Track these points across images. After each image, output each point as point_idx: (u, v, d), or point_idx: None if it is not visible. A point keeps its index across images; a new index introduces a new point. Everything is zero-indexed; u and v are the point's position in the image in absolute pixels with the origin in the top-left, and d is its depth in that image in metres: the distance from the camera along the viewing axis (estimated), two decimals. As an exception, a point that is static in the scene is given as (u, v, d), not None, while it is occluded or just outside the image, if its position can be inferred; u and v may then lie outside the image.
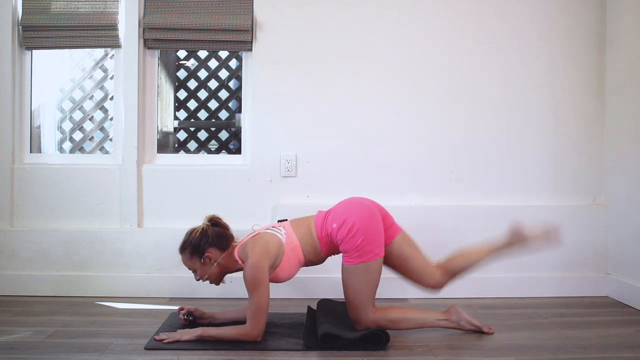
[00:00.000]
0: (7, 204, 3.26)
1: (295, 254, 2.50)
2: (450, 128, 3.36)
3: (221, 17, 3.26)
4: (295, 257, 2.51)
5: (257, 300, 2.36)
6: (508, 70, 3.36)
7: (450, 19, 3.35)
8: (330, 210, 2.56)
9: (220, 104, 4.48)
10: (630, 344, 2.47)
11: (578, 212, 3.35)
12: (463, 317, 2.58)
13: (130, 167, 3.28)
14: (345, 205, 2.55)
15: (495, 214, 3.29)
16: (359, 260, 2.42)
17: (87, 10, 3.26)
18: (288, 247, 2.49)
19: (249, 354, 2.30)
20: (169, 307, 3.00)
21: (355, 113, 3.34)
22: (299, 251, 2.51)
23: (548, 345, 2.44)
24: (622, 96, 3.25)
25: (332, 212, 2.55)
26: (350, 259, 2.44)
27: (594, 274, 3.35)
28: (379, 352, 2.35)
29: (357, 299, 2.45)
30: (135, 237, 3.25)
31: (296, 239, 2.51)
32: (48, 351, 2.31)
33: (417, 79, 3.35)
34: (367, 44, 3.33)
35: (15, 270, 3.22)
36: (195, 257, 2.51)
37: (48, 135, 3.91)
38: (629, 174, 3.17)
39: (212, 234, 2.50)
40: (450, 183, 3.35)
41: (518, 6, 3.36)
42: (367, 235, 2.42)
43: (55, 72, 4.04)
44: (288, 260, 2.49)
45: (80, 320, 2.76)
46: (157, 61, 3.39)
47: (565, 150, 3.39)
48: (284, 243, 2.48)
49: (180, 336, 2.40)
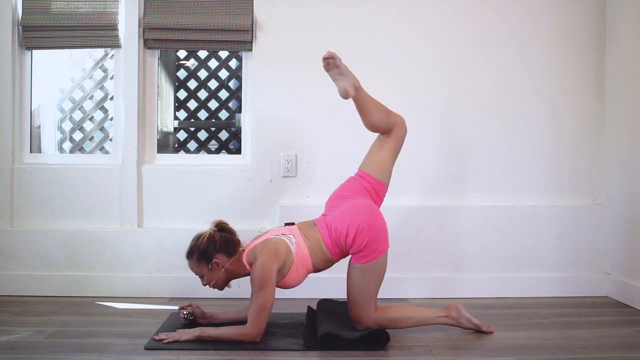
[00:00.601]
0: (7, 204, 3.26)
1: (303, 263, 2.49)
2: (450, 128, 3.35)
3: (221, 17, 3.26)
4: (303, 266, 2.49)
5: (262, 301, 2.35)
6: (508, 70, 3.36)
7: (450, 19, 3.35)
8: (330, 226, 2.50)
9: (220, 104, 4.48)
10: (630, 344, 2.47)
11: (578, 212, 3.35)
12: (463, 315, 2.58)
13: (130, 167, 3.28)
14: (342, 213, 2.50)
15: (496, 214, 3.30)
16: (366, 260, 2.42)
17: (87, 10, 3.26)
18: (297, 256, 2.47)
19: (249, 354, 2.30)
20: (169, 307, 3.00)
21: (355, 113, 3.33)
22: (308, 261, 2.50)
23: (548, 345, 2.44)
24: (622, 96, 3.25)
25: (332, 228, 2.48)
26: (356, 259, 2.44)
27: (594, 274, 3.35)
28: (379, 352, 2.34)
29: (361, 297, 2.45)
30: (135, 237, 3.25)
31: (306, 249, 2.50)
32: (48, 351, 2.31)
33: (417, 79, 3.35)
34: (367, 44, 3.33)
35: (15, 270, 3.22)
36: (202, 263, 2.49)
37: (48, 135, 3.92)
38: (629, 174, 3.17)
39: (219, 240, 2.49)
40: (450, 183, 3.35)
41: (518, 6, 3.36)
42: (371, 235, 2.41)
43: (55, 72, 4.04)
44: (296, 269, 2.47)
45: (80, 320, 2.76)
46: (157, 61, 3.39)
47: (565, 150, 3.39)
48: (294, 252, 2.47)
49: (179, 336, 2.40)
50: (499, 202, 3.35)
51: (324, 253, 2.51)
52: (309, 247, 2.50)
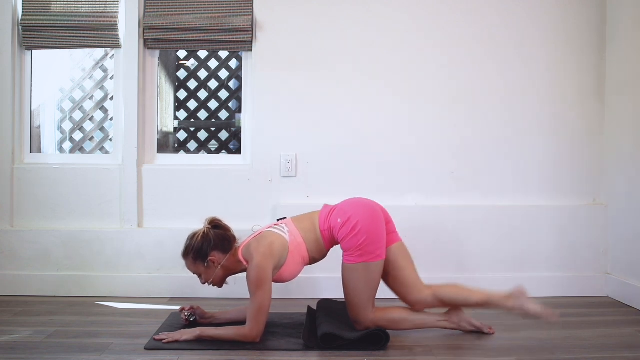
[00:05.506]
0: (7, 204, 3.26)
1: (299, 251, 2.50)
2: (450, 128, 3.36)
3: (221, 17, 3.26)
4: (299, 255, 2.50)
5: (259, 302, 2.36)
6: (508, 70, 3.36)
7: (450, 19, 3.35)
8: (337, 206, 2.56)
9: (220, 104, 4.48)
10: (630, 344, 2.47)
11: (578, 212, 3.35)
12: (463, 319, 2.58)
13: (130, 167, 3.28)
14: (351, 203, 2.55)
15: (496, 214, 3.30)
16: (360, 260, 2.42)
17: (87, 10, 3.26)
18: (292, 245, 2.48)
19: (249, 354, 2.30)
20: (169, 307, 3.00)
21: (355, 113, 3.34)
22: (303, 248, 2.51)
23: (548, 345, 2.44)
24: (622, 96, 3.25)
25: (337, 208, 2.54)
26: (351, 257, 2.44)
27: (594, 274, 3.35)
28: (379, 352, 2.34)
29: (356, 298, 2.45)
30: (135, 237, 3.25)
31: (299, 235, 2.51)
32: (48, 351, 2.31)
33: (417, 79, 3.35)
34: (367, 44, 3.33)
35: (15, 270, 3.22)
36: (198, 262, 2.50)
37: (48, 135, 3.91)
38: (629, 174, 3.17)
39: (213, 237, 2.49)
40: (450, 183, 3.35)
41: (518, 6, 3.36)
42: (369, 235, 2.42)
43: (55, 72, 4.04)
44: (293, 258, 2.48)
45: (80, 320, 2.76)
46: (157, 61, 3.39)
47: (565, 150, 3.39)
48: (288, 241, 2.48)
49: (180, 336, 2.40)
50: (499, 202, 3.35)
51: (316, 234, 2.52)
52: (301, 232, 2.51)
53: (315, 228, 2.53)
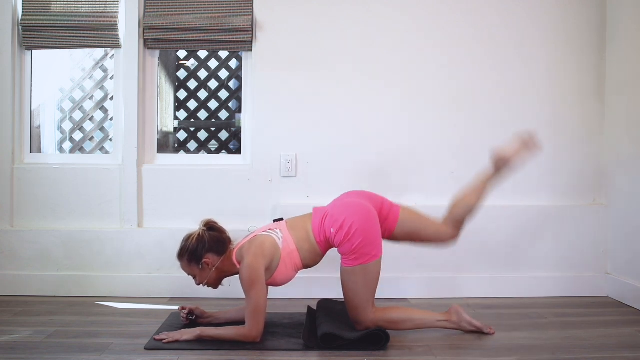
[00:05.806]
0: (7, 204, 3.26)
1: (291, 259, 2.49)
2: (450, 128, 3.36)
3: (221, 17, 3.26)
4: (291, 262, 2.49)
5: (254, 301, 2.36)
6: (508, 70, 3.36)
7: (450, 19, 3.35)
8: (327, 212, 2.52)
9: (220, 104, 4.48)
10: (630, 344, 2.47)
11: (578, 212, 3.35)
12: (463, 319, 2.58)
13: (130, 167, 3.28)
14: (341, 205, 2.53)
15: (496, 214, 3.29)
16: (357, 262, 2.42)
17: (87, 10, 3.26)
18: (285, 252, 2.47)
19: (249, 354, 2.30)
20: (169, 307, 3.00)
21: (355, 113, 3.34)
22: (296, 256, 2.50)
23: (548, 345, 2.44)
24: (622, 96, 3.25)
25: (328, 215, 2.50)
26: (348, 260, 2.44)
27: (594, 274, 3.35)
28: (379, 352, 2.35)
29: (356, 300, 2.45)
30: (135, 237, 3.25)
31: (293, 243, 2.49)
32: (48, 351, 2.31)
33: (417, 79, 3.35)
34: (367, 44, 3.33)
35: (15, 270, 3.22)
36: (193, 263, 2.50)
37: (48, 135, 3.91)
38: (629, 174, 3.17)
39: (208, 239, 2.49)
40: (450, 183, 3.35)
41: (518, 6, 3.36)
42: (365, 237, 2.41)
43: (55, 72, 4.04)
44: (285, 265, 2.48)
45: (80, 320, 2.76)
46: (157, 61, 3.39)
47: (565, 151, 3.39)
48: (281, 248, 2.48)
49: (180, 336, 2.40)
50: (499, 202, 3.34)
51: (312, 244, 2.51)
52: (295, 241, 2.50)
53: (310, 237, 2.52)
